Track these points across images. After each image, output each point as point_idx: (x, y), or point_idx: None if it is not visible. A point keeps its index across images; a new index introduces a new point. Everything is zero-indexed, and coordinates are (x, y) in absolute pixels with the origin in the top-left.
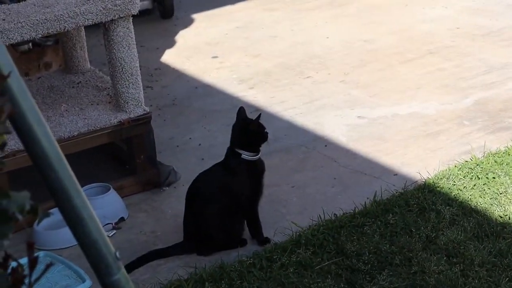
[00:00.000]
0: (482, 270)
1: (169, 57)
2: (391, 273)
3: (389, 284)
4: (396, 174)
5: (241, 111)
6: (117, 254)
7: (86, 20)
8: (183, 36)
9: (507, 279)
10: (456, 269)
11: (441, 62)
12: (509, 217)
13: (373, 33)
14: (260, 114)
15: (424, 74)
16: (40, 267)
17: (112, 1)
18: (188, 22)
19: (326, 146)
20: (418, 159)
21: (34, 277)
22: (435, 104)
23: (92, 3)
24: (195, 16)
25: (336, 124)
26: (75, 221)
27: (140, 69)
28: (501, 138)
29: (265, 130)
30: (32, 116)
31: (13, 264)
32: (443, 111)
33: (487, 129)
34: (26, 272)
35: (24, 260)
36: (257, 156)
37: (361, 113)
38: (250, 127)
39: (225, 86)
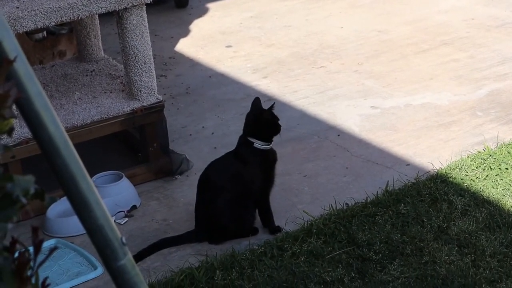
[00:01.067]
0: (493, 261)
1: (184, 46)
2: (402, 263)
3: (400, 274)
4: (408, 164)
5: (256, 101)
6: (123, 239)
7: (100, 8)
8: (197, 25)
9: None
10: (467, 260)
11: (455, 53)
12: None
13: (387, 23)
14: (273, 103)
15: (438, 65)
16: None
17: None
18: (203, 11)
19: (338, 135)
20: (430, 149)
21: (39, 260)
22: (448, 95)
23: None
24: (209, 5)
25: (349, 114)
26: (81, 206)
27: (154, 58)
28: None
29: (278, 122)
30: (39, 101)
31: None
32: (456, 102)
33: (500, 120)
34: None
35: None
36: (269, 146)
37: (374, 103)
38: (263, 116)
39: (238, 75)
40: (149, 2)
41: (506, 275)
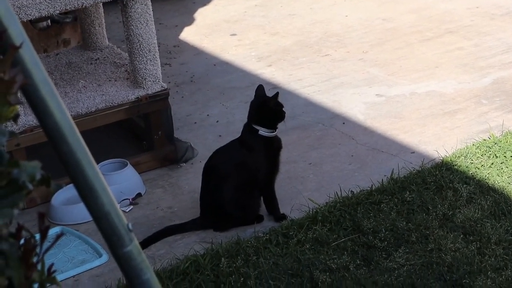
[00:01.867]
0: (498, 248)
1: (188, 34)
2: (407, 250)
3: (405, 261)
4: (413, 152)
5: (260, 89)
6: (130, 226)
7: None
8: (201, 14)
9: None
10: (473, 247)
11: (460, 41)
12: None
13: (392, 11)
14: (277, 92)
15: (443, 53)
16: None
17: None
18: (207, 0)
19: (343, 123)
20: (435, 137)
21: (45, 247)
22: (453, 83)
23: None
24: None
25: (354, 102)
26: (87, 193)
27: (159, 47)
28: None
29: (283, 109)
30: (45, 88)
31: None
32: (461, 90)
33: (505, 108)
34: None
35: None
36: (274, 133)
37: (379, 91)
38: (269, 104)
39: (243, 64)
40: None
41: (511, 263)
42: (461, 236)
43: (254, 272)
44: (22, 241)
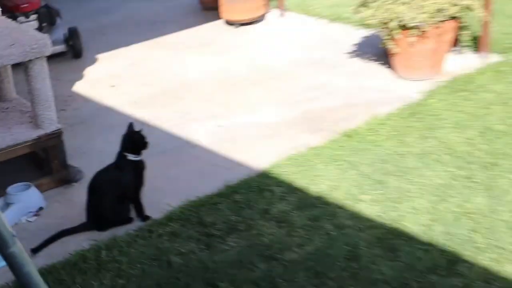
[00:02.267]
0: (302, 231)
1: (79, 87)
2: (237, 236)
3: (236, 244)
4: (243, 166)
5: (130, 126)
6: (14, 233)
7: (10, 60)
8: (89, 71)
9: (319, 236)
10: (283, 231)
11: (279, 84)
12: (322, 192)
13: (230, 64)
14: (142, 128)
15: (267, 93)
16: None
17: (29, 46)
18: (94, 60)
19: (193, 147)
20: (259, 155)
21: None
22: (274, 115)
23: (14, 48)
24: (99, 56)
25: (201, 132)
26: None
27: (56, 97)
28: (319, 136)
29: (145, 140)
30: None
31: None
32: (279, 120)
33: (309, 131)
34: None
35: None
36: (139, 158)
37: (220, 123)
38: (134, 136)
39: (120, 108)
40: (48, 54)
41: (310, 240)
42: (275, 223)
43: (126, 259)
44: None
